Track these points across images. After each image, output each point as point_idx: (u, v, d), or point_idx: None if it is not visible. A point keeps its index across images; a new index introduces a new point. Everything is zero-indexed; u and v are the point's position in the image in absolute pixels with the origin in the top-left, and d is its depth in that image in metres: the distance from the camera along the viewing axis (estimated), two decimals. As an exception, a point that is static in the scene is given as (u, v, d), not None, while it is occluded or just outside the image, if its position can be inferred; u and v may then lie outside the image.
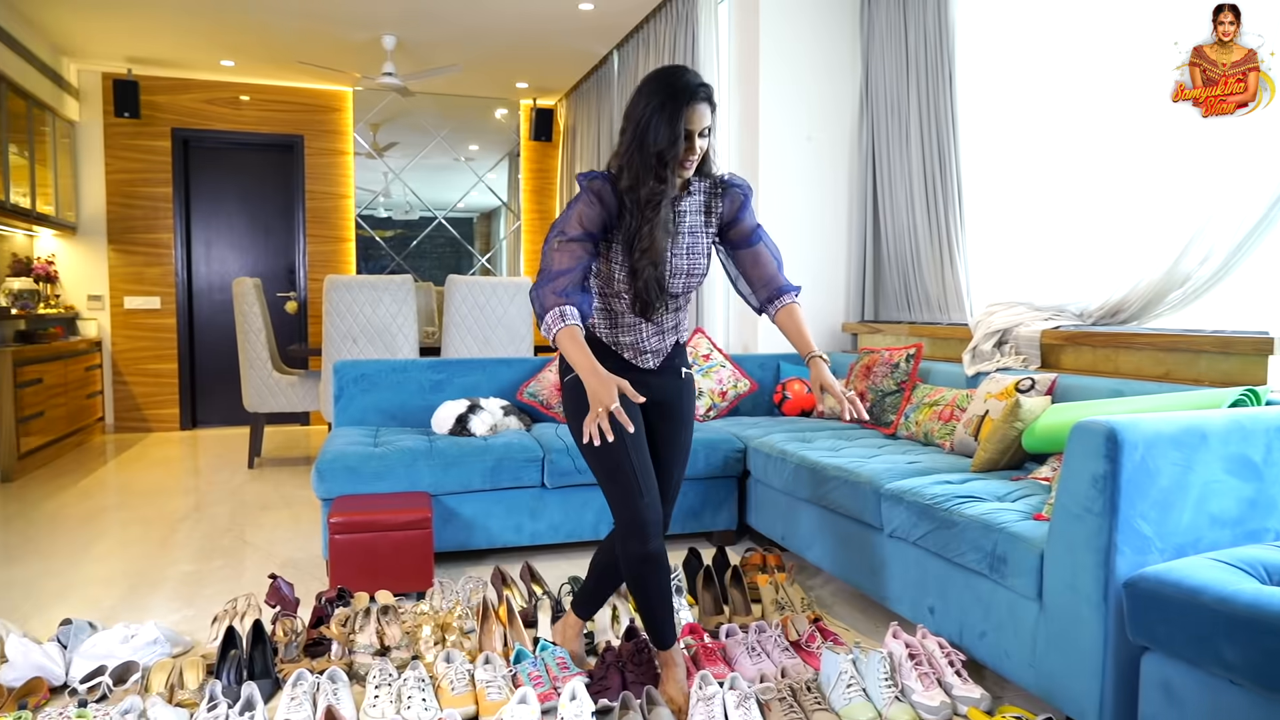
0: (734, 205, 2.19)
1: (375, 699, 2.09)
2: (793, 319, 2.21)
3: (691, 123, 1.97)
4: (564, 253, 2.00)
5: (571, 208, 2.05)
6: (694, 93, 1.96)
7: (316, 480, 3.17)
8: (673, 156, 1.96)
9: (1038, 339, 3.25)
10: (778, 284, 2.24)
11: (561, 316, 1.95)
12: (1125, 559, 1.84)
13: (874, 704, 2.10)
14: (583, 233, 2.02)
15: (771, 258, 2.24)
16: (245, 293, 5.32)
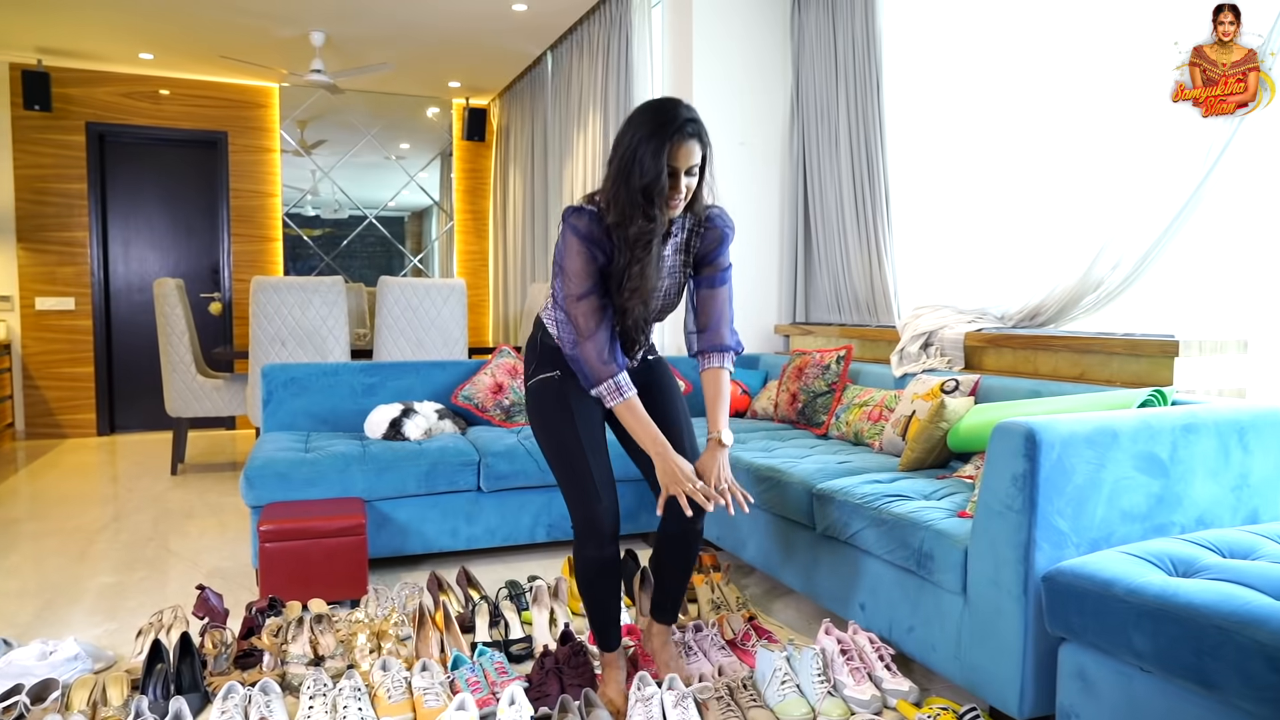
0: (712, 243, 2.15)
1: (310, 710, 2.06)
2: (715, 386, 2.16)
3: (678, 159, 1.90)
4: (585, 312, 2.00)
5: (566, 255, 2.00)
6: (681, 127, 1.88)
7: (245, 487, 3.10)
8: (659, 193, 1.89)
9: (961, 341, 3.37)
10: (719, 338, 2.18)
11: (619, 390, 2.02)
12: (1043, 553, 1.93)
13: (807, 699, 2.16)
14: (590, 285, 2.00)
15: (726, 306, 2.19)
16: (167, 293, 5.15)
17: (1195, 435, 2.08)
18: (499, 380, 3.97)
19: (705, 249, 2.15)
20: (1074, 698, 1.83)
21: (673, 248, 2.13)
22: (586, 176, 5.62)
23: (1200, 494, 2.10)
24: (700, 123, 1.95)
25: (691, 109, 1.95)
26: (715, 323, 2.17)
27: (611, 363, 2.01)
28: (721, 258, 2.17)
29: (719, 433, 2.11)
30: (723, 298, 2.18)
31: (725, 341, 2.17)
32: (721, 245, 2.16)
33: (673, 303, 2.20)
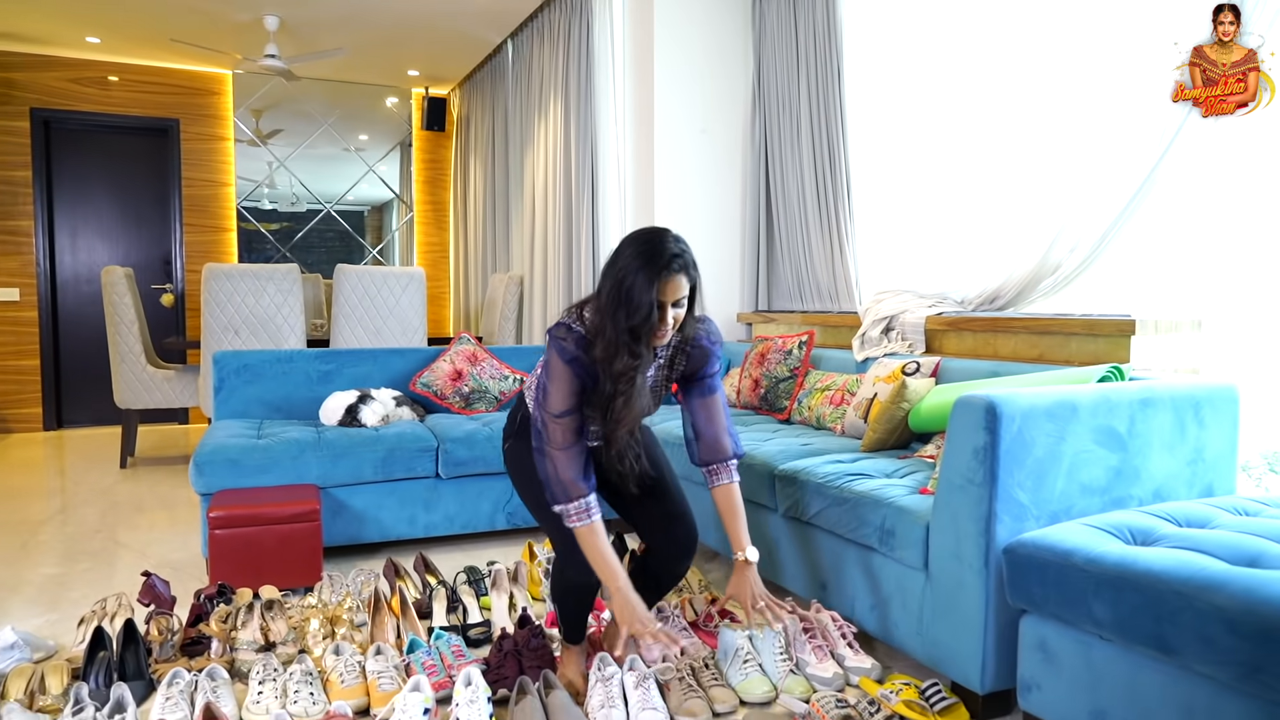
0: (701, 361, 2.12)
1: (259, 695, 1.99)
2: (730, 503, 2.14)
3: (666, 293, 1.87)
4: (561, 429, 1.95)
5: (550, 374, 1.95)
6: (669, 263, 1.86)
7: (195, 474, 3.01)
8: (646, 330, 1.87)
9: (922, 325, 3.38)
10: (723, 449, 2.14)
11: (586, 512, 1.94)
12: (1004, 526, 1.93)
13: (769, 677, 2.14)
14: (570, 406, 1.96)
15: (722, 411, 2.15)
16: (115, 282, 5.01)
17: (1152, 410, 2.10)
18: (458, 367, 3.91)
19: (691, 368, 2.13)
20: (1035, 669, 1.83)
21: (655, 367, 2.10)
22: (549, 166, 5.57)
23: (1157, 468, 2.11)
24: (689, 255, 1.93)
25: (681, 241, 1.92)
26: (715, 431, 2.14)
27: (581, 482, 1.95)
28: (710, 371, 2.14)
29: (743, 551, 2.09)
30: (717, 404, 2.15)
31: (727, 452, 2.14)
32: (709, 362, 2.13)
33: (650, 409, 2.13)
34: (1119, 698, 1.65)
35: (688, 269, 1.91)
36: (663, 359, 2.11)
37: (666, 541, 2.17)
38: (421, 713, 1.82)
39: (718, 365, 2.15)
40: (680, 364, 2.11)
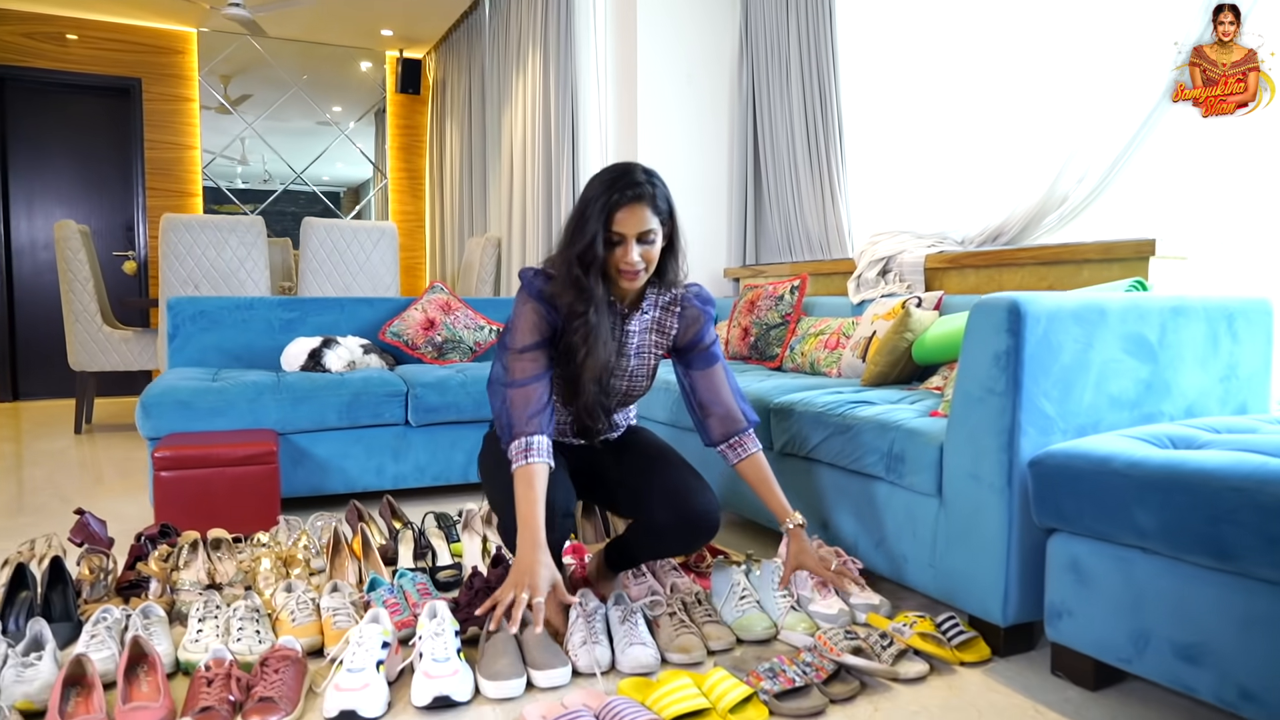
0: (693, 326, 1.96)
1: (199, 633, 1.78)
2: (760, 472, 1.97)
3: (624, 224, 1.71)
4: (525, 362, 1.79)
5: (517, 312, 1.83)
6: (625, 188, 1.71)
7: (141, 417, 2.78)
8: (593, 261, 1.71)
9: (921, 264, 3.20)
10: (736, 420, 1.97)
11: (526, 451, 1.74)
12: (1029, 439, 1.74)
13: (769, 614, 1.95)
14: (535, 340, 1.80)
15: (727, 382, 1.98)
16: (68, 236, 4.74)
17: (1185, 319, 1.92)
18: (431, 316, 3.69)
19: (684, 333, 1.96)
20: (1065, 594, 1.65)
21: (641, 326, 1.94)
22: (527, 123, 5.34)
23: (1189, 383, 1.93)
24: (656, 187, 1.77)
25: (652, 174, 1.78)
26: (725, 406, 1.98)
27: (536, 421, 1.77)
28: (706, 337, 1.98)
29: (791, 518, 1.95)
30: (719, 376, 1.99)
31: (742, 423, 1.98)
32: (703, 328, 1.98)
33: (640, 386, 1.99)
34: (1165, 616, 1.47)
35: (653, 201, 1.76)
36: (650, 316, 1.94)
37: (678, 521, 1.87)
38: (380, 646, 1.61)
39: (712, 330, 1.99)
40: (671, 326, 1.96)
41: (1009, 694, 1.65)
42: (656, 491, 1.90)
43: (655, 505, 1.89)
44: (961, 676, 1.72)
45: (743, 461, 2.00)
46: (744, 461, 2.00)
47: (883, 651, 1.71)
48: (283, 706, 1.50)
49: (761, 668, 1.62)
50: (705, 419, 2.00)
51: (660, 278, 1.89)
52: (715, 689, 1.55)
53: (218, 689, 1.52)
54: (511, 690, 1.60)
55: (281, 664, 1.58)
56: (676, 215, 1.85)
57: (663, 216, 1.79)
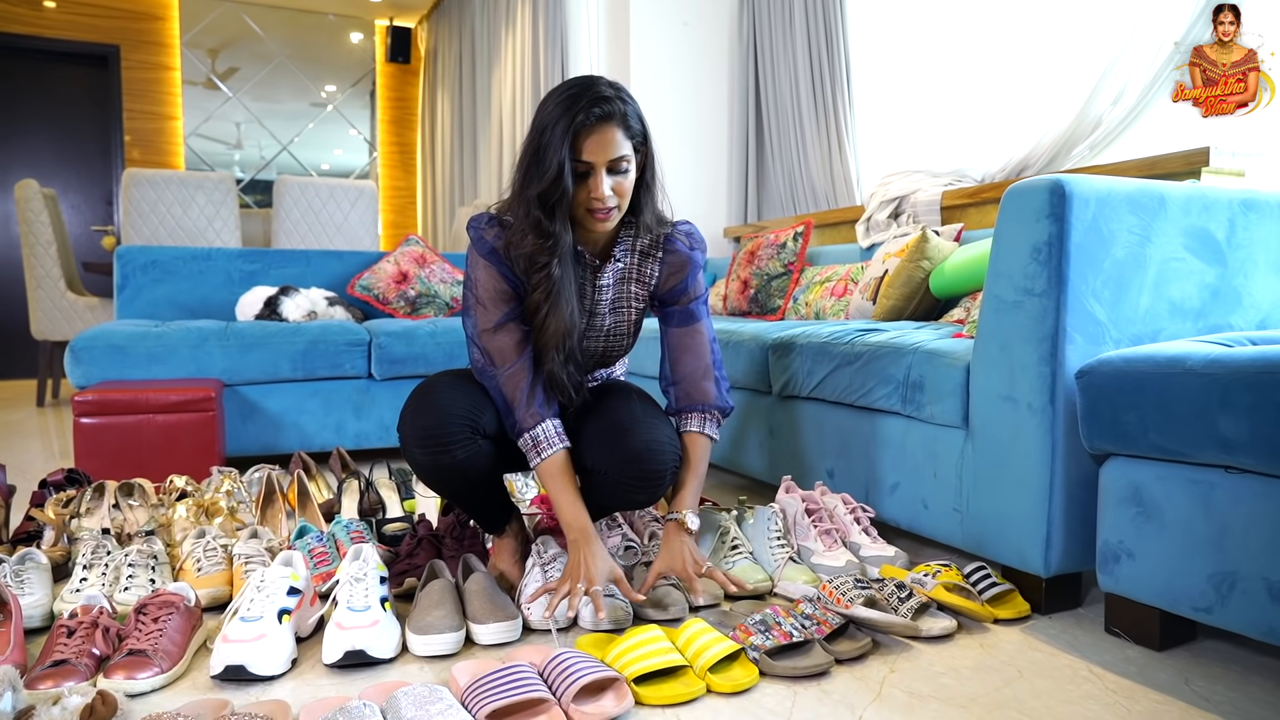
0: (676, 273, 1.62)
1: (83, 581, 1.49)
2: (693, 456, 1.58)
3: (592, 151, 1.40)
4: (503, 342, 1.49)
5: (474, 279, 1.51)
6: (590, 107, 1.38)
7: (71, 364, 2.50)
8: (559, 200, 1.41)
9: (938, 201, 2.90)
10: (699, 394, 1.61)
11: (546, 443, 1.48)
12: (1076, 349, 1.44)
13: (763, 566, 1.65)
14: (505, 312, 1.49)
15: (707, 349, 1.63)
16: (30, 198, 4.47)
17: (1257, 215, 1.61)
18: (404, 269, 3.41)
19: (665, 280, 1.62)
20: (1124, 532, 1.35)
21: (615, 275, 1.60)
22: (517, 82, 5.06)
23: (1263, 291, 1.63)
24: (624, 103, 1.44)
25: (618, 87, 1.45)
26: (690, 372, 1.61)
27: (536, 408, 1.49)
28: (690, 288, 1.63)
29: (681, 513, 1.53)
30: (699, 339, 1.63)
31: (706, 398, 1.61)
32: (689, 275, 1.63)
33: (620, 345, 1.67)
34: (1259, 551, 1.17)
35: (624, 120, 1.42)
36: (626, 263, 1.60)
37: (616, 463, 1.51)
38: (285, 592, 1.32)
39: (700, 279, 1.64)
40: (651, 273, 1.61)
41: (1054, 653, 1.35)
42: (593, 430, 1.56)
43: (593, 445, 1.54)
44: (995, 634, 1.42)
45: (689, 435, 1.60)
46: (689, 436, 1.60)
47: (901, 605, 1.41)
48: (156, 661, 1.21)
49: (750, 620, 1.33)
50: (674, 382, 1.64)
51: (634, 216, 1.56)
52: (693, 644, 1.26)
53: (79, 640, 1.24)
54: (444, 646, 1.31)
55: (162, 612, 1.29)
56: (651, 140, 1.52)
57: (636, 140, 1.46)
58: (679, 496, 1.55)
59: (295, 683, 1.24)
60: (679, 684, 1.19)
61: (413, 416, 1.46)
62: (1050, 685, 1.23)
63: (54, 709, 1.03)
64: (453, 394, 1.46)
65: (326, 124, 7.02)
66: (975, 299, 2.17)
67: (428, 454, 1.45)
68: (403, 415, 1.50)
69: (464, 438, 1.40)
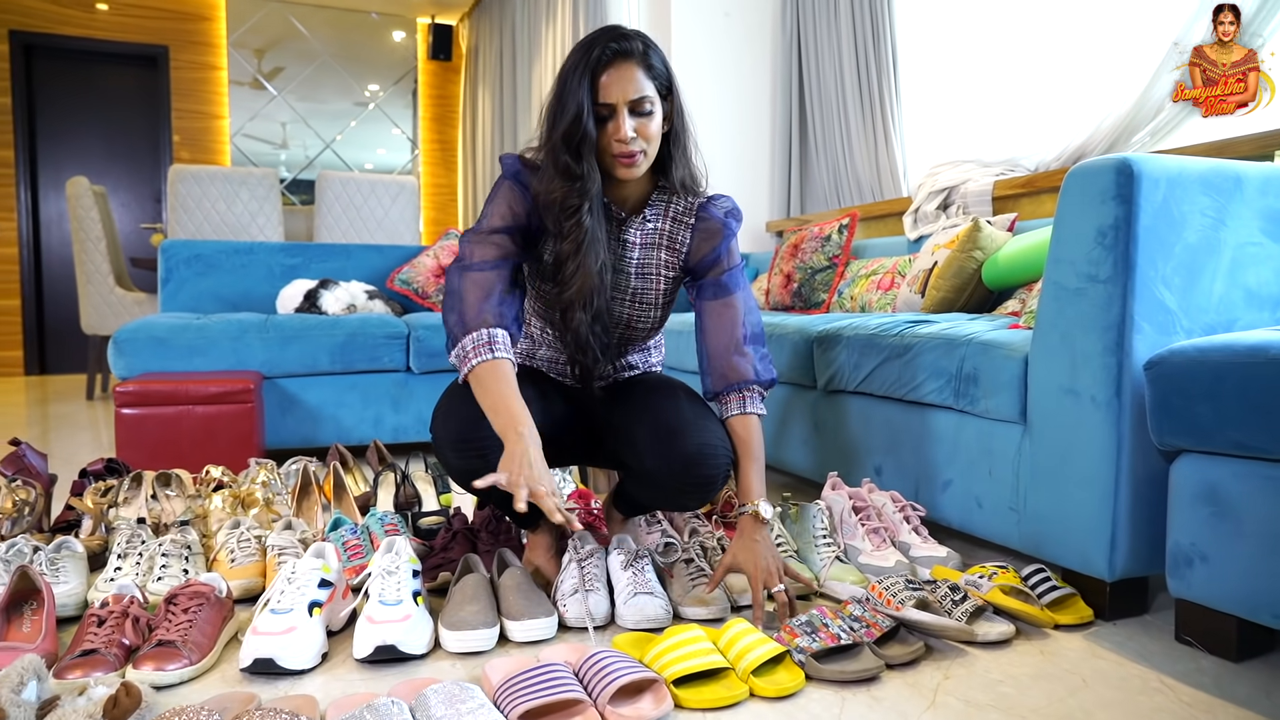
0: (708, 240, 1.55)
1: (117, 570, 1.48)
2: (742, 438, 1.49)
3: (611, 89, 1.36)
4: (480, 245, 1.43)
5: (491, 196, 1.48)
6: (608, 43, 1.36)
7: (114, 355, 2.52)
8: (583, 139, 1.37)
9: (989, 192, 2.80)
10: (736, 371, 1.51)
11: (490, 345, 1.36)
12: (1144, 338, 1.36)
13: (809, 565, 1.58)
14: (505, 225, 1.44)
15: (741, 322, 1.53)
16: (80, 195, 4.54)
17: (1341, 198, 1.51)
18: (443, 263, 3.39)
19: (697, 249, 1.56)
20: (1198, 533, 1.26)
21: (643, 237, 1.55)
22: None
23: (1347, 280, 1.53)
24: (642, 41, 1.40)
25: (640, 33, 1.41)
26: (725, 348, 1.52)
27: (491, 313, 1.39)
28: (723, 257, 1.55)
29: (753, 504, 1.43)
30: (734, 312, 1.53)
31: (745, 374, 1.51)
32: (722, 241, 1.55)
33: (649, 316, 1.58)
34: (1349, 553, 1.08)
35: (644, 60, 1.38)
36: (656, 226, 1.54)
37: (666, 467, 1.44)
38: (316, 584, 1.29)
39: (734, 249, 1.56)
40: (683, 241, 1.55)
41: (1121, 661, 1.27)
42: (643, 431, 1.49)
43: (642, 448, 1.47)
44: (1056, 641, 1.34)
45: (734, 419, 1.51)
46: (736, 420, 1.51)
47: (955, 608, 1.34)
48: (185, 654, 1.19)
49: (796, 621, 1.26)
50: (709, 360, 1.55)
51: (663, 174, 1.52)
52: (735, 645, 1.20)
53: (109, 630, 1.22)
54: (477, 642, 1.27)
55: (193, 603, 1.27)
56: (679, 93, 1.47)
57: (660, 84, 1.42)
58: (744, 485, 1.47)
59: (325, 677, 1.21)
60: (720, 687, 1.14)
61: (445, 419, 1.43)
62: (1118, 696, 1.16)
63: (79, 699, 1.00)
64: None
65: (370, 122, 7.07)
66: (1031, 290, 2.08)
67: (461, 458, 1.41)
68: (435, 416, 1.47)
69: (498, 442, 1.35)
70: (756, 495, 1.45)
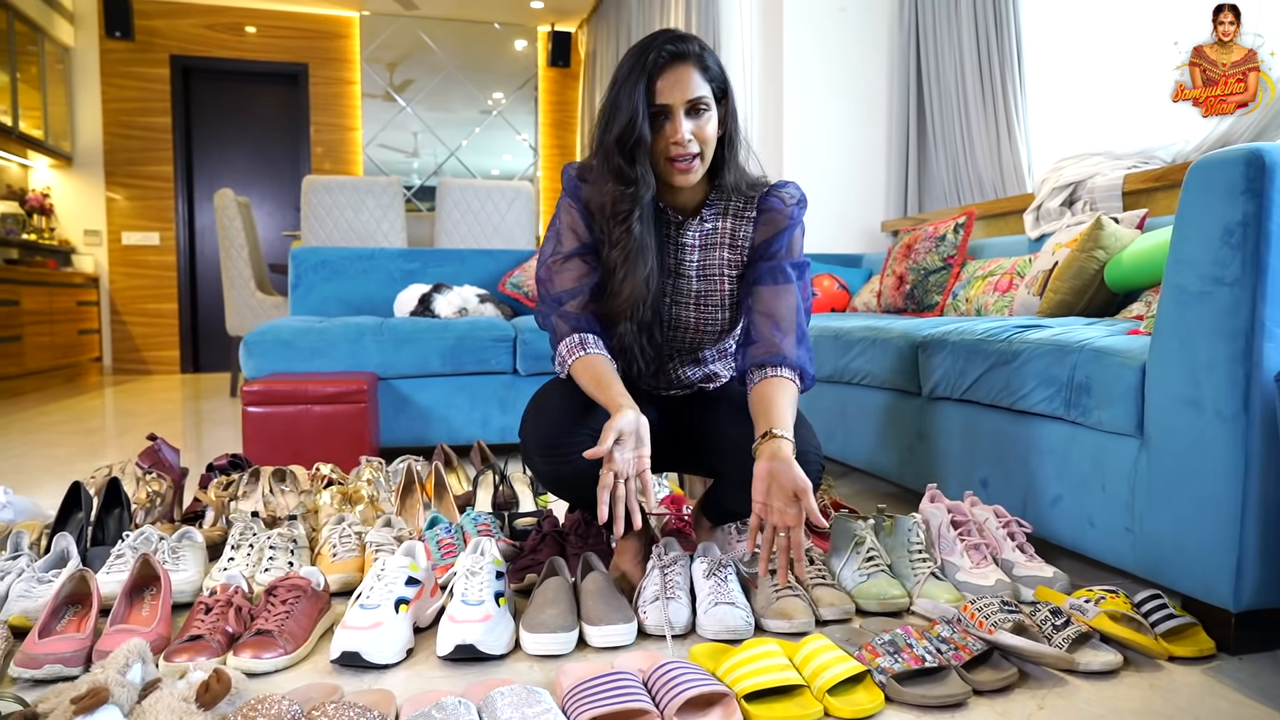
0: (769, 227, 1.50)
1: (230, 560, 1.58)
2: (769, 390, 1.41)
3: (664, 94, 1.35)
4: (565, 272, 1.47)
5: (557, 215, 1.52)
6: (661, 46, 1.36)
7: (245, 356, 2.69)
8: (638, 143, 1.36)
9: (1119, 186, 2.62)
10: (777, 348, 1.44)
11: (580, 345, 1.44)
12: (1277, 346, 1.24)
13: (902, 582, 1.52)
14: (579, 246, 1.47)
15: (793, 313, 1.47)
16: (226, 205, 4.88)
17: None
18: (552, 267, 3.45)
19: (759, 237, 1.52)
20: (1334, 562, 1.14)
21: (702, 238, 1.53)
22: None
23: None
24: (698, 43, 1.40)
25: (694, 35, 1.41)
26: (770, 331, 1.46)
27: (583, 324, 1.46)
28: (781, 246, 1.50)
29: (772, 426, 1.34)
30: (787, 301, 1.47)
31: (784, 352, 1.44)
32: (785, 231, 1.49)
33: (716, 319, 1.55)
34: None
35: (699, 61, 1.38)
36: (716, 225, 1.52)
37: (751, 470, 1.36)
38: (404, 582, 1.34)
39: (798, 240, 1.50)
40: (745, 235, 1.52)
41: (1241, 701, 1.16)
42: (732, 436, 1.47)
43: (733, 453, 1.46)
44: (1169, 674, 1.24)
45: (761, 383, 1.43)
46: (762, 383, 1.43)
47: (1055, 633, 1.26)
48: (281, 643, 1.25)
49: (879, 640, 1.22)
50: (750, 343, 1.48)
51: (716, 176, 1.49)
52: (812, 661, 1.16)
53: (214, 618, 1.29)
54: (555, 645, 1.28)
55: (290, 595, 1.33)
56: (733, 95, 1.45)
57: (715, 86, 1.40)
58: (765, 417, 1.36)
59: (408, 673, 1.25)
60: (794, 704, 1.11)
61: (533, 424, 1.46)
62: (1235, 739, 1.06)
63: (180, 683, 1.07)
64: (571, 401, 1.43)
65: (493, 130, 7.29)
66: (1158, 292, 1.93)
67: (548, 462, 1.43)
68: (523, 421, 1.50)
69: (583, 446, 1.36)
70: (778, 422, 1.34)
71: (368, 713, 1.00)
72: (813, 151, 3.99)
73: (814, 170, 3.98)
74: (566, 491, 1.50)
